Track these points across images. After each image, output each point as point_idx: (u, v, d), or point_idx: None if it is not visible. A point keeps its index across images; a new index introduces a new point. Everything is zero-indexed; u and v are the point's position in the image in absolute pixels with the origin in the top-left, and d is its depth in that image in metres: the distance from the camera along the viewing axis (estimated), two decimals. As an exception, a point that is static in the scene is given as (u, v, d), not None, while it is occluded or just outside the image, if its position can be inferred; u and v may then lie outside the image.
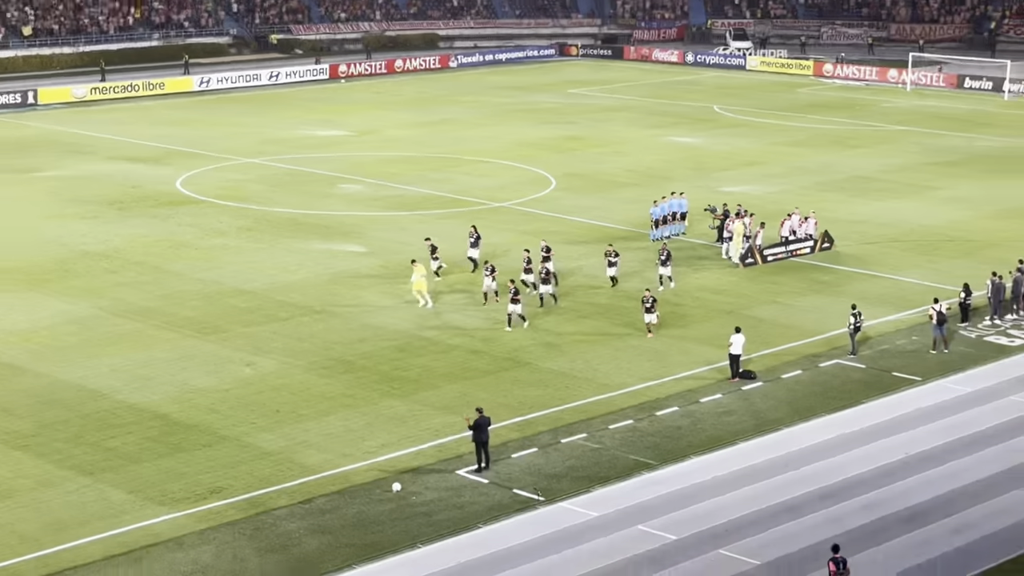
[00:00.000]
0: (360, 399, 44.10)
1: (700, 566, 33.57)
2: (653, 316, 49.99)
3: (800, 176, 79.34)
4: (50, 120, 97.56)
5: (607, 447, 40.63)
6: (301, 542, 34.62)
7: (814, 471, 39.07)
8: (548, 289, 53.21)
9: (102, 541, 34.42)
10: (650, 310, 49.95)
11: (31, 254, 60.72)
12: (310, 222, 67.14)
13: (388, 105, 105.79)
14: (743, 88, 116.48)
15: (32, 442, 40.39)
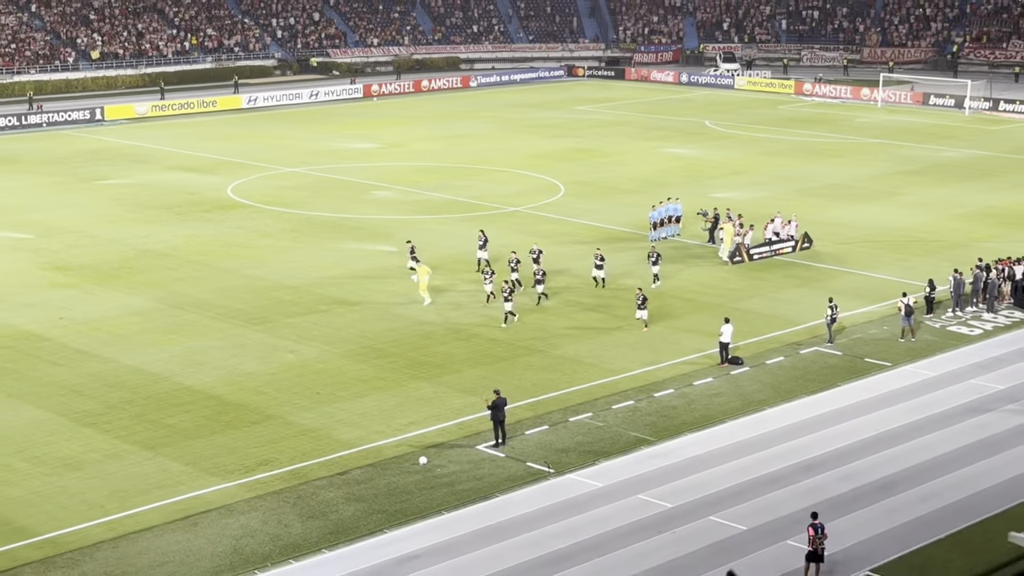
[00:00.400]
0: (391, 382, 44.04)
1: (694, 531, 33.47)
2: (644, 312, 49.53)
3: (782, 183, 79.07)
4: (115, 134, 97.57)
5: (610, 425, 40.53)
6: (338, 509, 34.57)
7: (796, 446, 38.93)
8: (541, 288, 52.50)
9: (161, 508, 34.42)
10: (641, 307, 49.49)
11: (99, 253, 60.74)
12: (346, 225, 67.07)
13: (415, 120, 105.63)
14: (731, 105, 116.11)
15: (100, 420, 40.40)
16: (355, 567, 31.46)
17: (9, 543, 32.33)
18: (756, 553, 32.24)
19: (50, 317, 50.62)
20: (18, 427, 39.69)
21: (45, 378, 43.91)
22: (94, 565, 31.40)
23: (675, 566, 31.62)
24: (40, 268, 58.04)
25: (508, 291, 49.70)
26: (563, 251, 61.42)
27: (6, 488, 35.40)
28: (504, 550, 32.37)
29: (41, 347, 47.07)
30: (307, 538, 32.91)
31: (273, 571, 31.29)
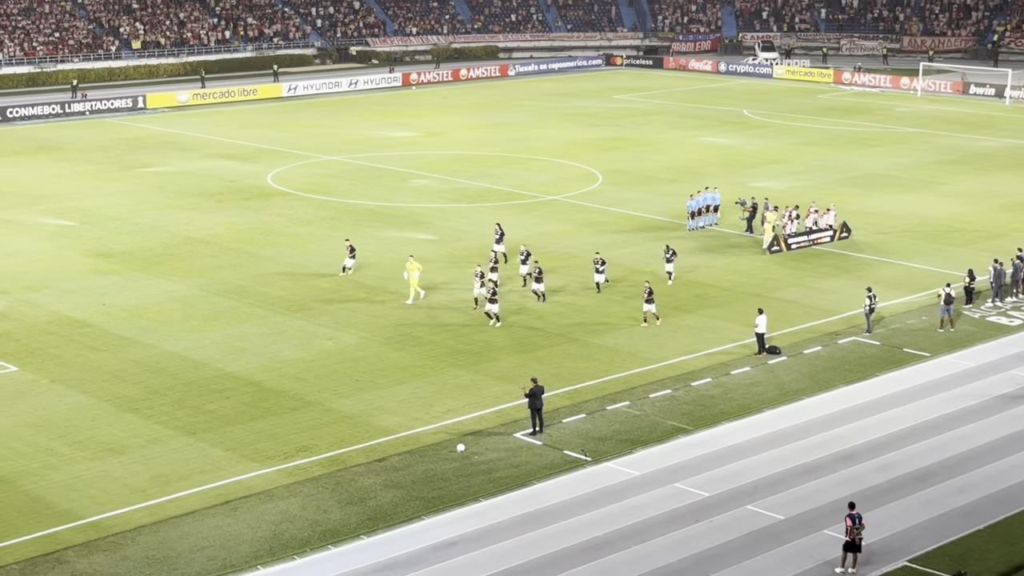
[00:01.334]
0: (429, 369, 44.11)
1: (730, 520, 33.40)
2: (652, 306, 48.51)
3: (821, 173, 78.62)
4: (157, 122, 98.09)
5: (647, 413, 40.46)
6: (377, 495, 34.68)
7: (833, 436, 38.77)
8: (540, 287, 51.13)
9: (202, 493, 34.63)
10: (649, 300, 48.40)
11: (140, 240, 61.10)
12: (385, 212, 67.18)
13: (453, 109, 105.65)
14: (770, 94, 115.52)
15: (142, 405, 40.67)
16: (393, 553, 31.55)
17: (52, 526, 32.62)
18: (793, 542, 32.13)
19: (93, 303, 50.97)
20: (62, 412, 40.02)
21: (88, 364, 44.23)
22: (135, 549, 31.64)
23: (712, 554, 31.56)
24: (83, 255, 58.45)
25: (491, 291, 48.68)
26: (600, 240, 61.30)
27: (50, 472, 35.71)
28: (541, 537, 32.40)
29: (84, 333, 47.42)
30: (346, 524, 33.04)
31: (312, 556, 31.43)
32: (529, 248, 54.49)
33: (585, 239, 61.47)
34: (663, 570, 30.83)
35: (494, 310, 48.37)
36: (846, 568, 30.71)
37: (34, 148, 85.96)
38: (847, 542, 30.60)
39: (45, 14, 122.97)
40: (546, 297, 51.26)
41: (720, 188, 67.24)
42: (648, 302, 48.44)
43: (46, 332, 47.46)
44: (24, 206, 68.10)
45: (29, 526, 32.62)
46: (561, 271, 55.33)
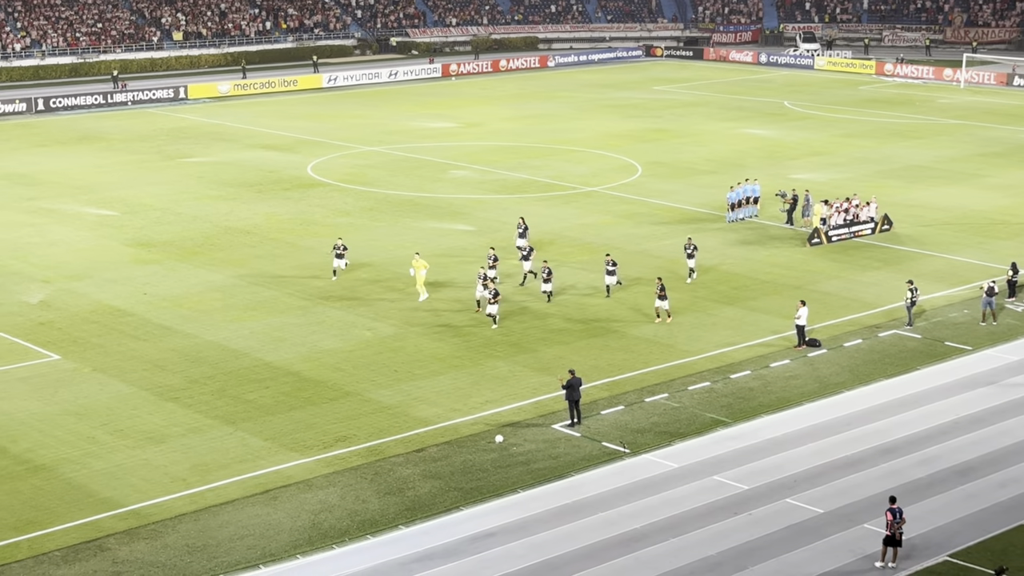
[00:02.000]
0: (467, 360, 44.14)
1: (769, 513, 33.26)
2: (665, 303, 47.75)
3: (862, 165, 78.11)
4: (198, 113, 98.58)
5: (686, 406, 40.35)
6: (415, 486, 34.74)
7: (873, 429, 38.53)
8: (549, 287, 50.04)
9: (241, 482, 34.80)
10: (661, 296, 47.65)
11: (181, 230, 61.43)
12: (424, 203, 67.26)
13: (493, 100, 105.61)
14: (811, 85, 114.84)
15: (182, 394, 40.90)
16: (431, 543, 31.61)
17: (94, 514, 32.87)
18: (833, 536, 31.98)
19: (134, 293, 51.30)
20: (103, 401, 40.31)
21: (129, 353, 44.52)
22: (176, 537, 31.83)
23: (751, 548, 31.45)
24: (125, 244, 58.82)
25: (493, 293, 47.38)
26: (639, 232, 61.18)
27: (92, 460, 35.97)
28: (579, 529, 32.37)
29: (125, 322, 47.73)
30: (384, 514, 33.12)
31: (351, 546, 31.53)
32: (561, 240, 54.41)
33: (624, 231, 61.35)
34: (701, 563, 30.75)
35: (493, 311, 47.20)
36: (886, 562, 30.54)
37: (77, 138, 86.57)
38: (887, 536, 30.42)
39: (88, 5, 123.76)
40: (552, 297, 50.00)
41: (760, 180, 66.91)
42: (661, 298, 47.67)
43: (88, 321, 47.81)
44: (67, 196, 68.59)
45: (71, 513, 32.88)
46: (600, 262, 55.22)
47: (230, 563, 30.61)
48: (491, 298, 47.24)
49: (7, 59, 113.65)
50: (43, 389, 41.15)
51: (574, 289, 51.43)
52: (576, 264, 55.20)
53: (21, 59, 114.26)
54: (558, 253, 56.94)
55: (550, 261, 52.12)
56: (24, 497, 33.76)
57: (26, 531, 31.97)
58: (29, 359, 43.85)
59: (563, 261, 55.61)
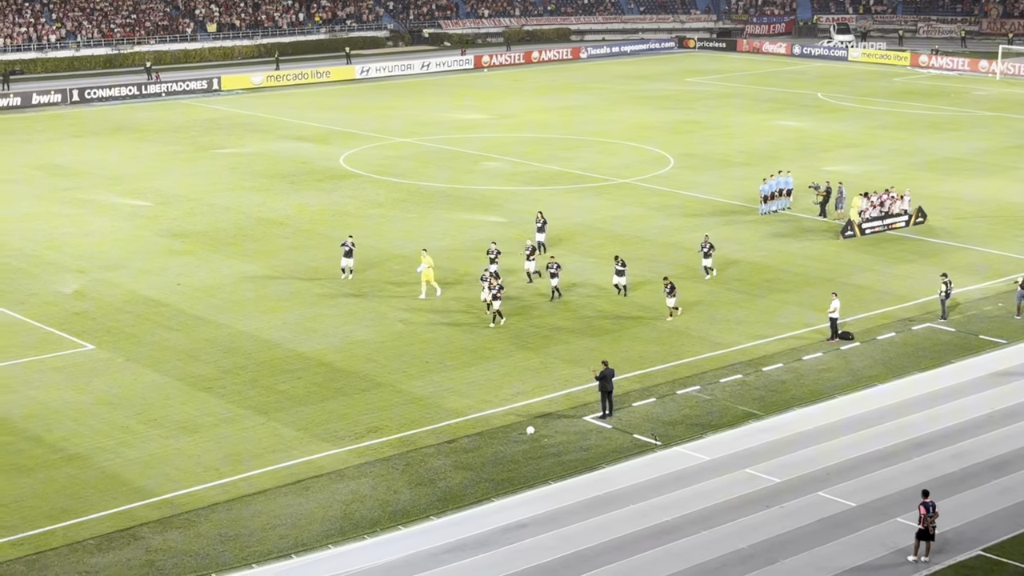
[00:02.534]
0: (498, 352, 44.15)
1: (801, 506, 33.15)
2: (673, 300, 47.07)
3: (896, 157, 77.68)
4: (231, 104, 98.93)
5: (718, 398, 40.26)
6: (446, 476, 34.79)
7: (907, 423, 38.34)
8: (556, 282, 49.17)
9: (274, 472, 34.94)
10: (671, 294, 46.92)
11: (214, 220, 61.68)
12: (456, 195, 67.29)
13: (525, 92, 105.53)
14: (845, 77, 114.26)
15: (215, 385, 41.08)
16: (463, 534, 31.65)
17: (128, 503, 33.07)
18: (865, 530, 31.84)
19: (167, 283, 51.56)
20: (137, 390, 40.54)
21: (162, 343, 44.76)
22: (209, 526, 32.00)
23: (782, 541, 31.35)
24: (158, 235, 59.12)
25: (497, 288, 46.54)
26: (672, 224, 61.04)
27: (125, 449, 36.20)
28: (611, 521, 32.35)
29: (159, 312, 47.98)
30: (416, 505, 33.19)
31: (382, 536, 31.60)
32: (593, 232, 54.28)
33: (657, 223, 61.23)
34: (733, 556, 30.68)
35: (495, 307, 46.44)
36: (919, 556, 30.39)
37: (111, 129, 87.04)
38: (920, 530, 30.27)
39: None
40: (561, 293, 49.26)
41: (793, 172, 66.61)
42: (670, 296, 47.03)
43: (122, 311, 48.09)
44: (101, 186, 68.98)
45: (105, 502, 33.10)
46: (632, 254, 55.13)
47: (262, 552, 30.75)
48: (495, 293, 46.42)
49: (43, 50, 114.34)
50: (77, 378, 41.43)
51: (608, 281, 51.30)
52: (607, 256, 55.07)
53: (56, 50, 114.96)
54: (590, 245, 56.92)
55: (580, 253, 52.00)
56: (59, 486, 34.01)
57: (61, 519, 32.21)
58: (64, 348, 44.15)
59: (594, 253, 55.57)
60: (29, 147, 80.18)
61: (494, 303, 46.44)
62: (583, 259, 54.44)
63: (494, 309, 46.49)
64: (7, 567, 30.01)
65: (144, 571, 29.89)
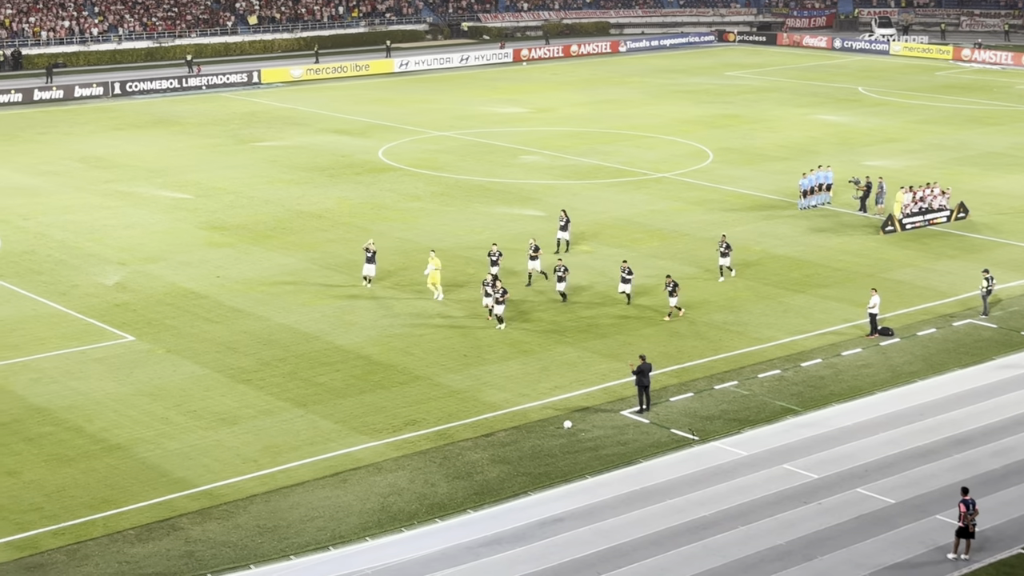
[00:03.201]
0: (536, 346, 44.15)
1: (840, 503, 33.00)
2: (674, 300, 46.29)
3: (937, 152, 77.10)
4: (271, 97, 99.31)
5: (756, 393, 40.12)
6: (484, 470, 34.84)
7: (947, 420, 38.09)
8: (563, 287, 48.14)
9: (312, 464, 35.09)
10: (672, 293, 46.11)
11: (253, 213, 61.97)
12: (494, 188, 67.32)
13: (563, 85, 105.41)
14: (886, 71, 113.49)
15: (254, 376, 41.29)
16: (500, 528, 31.69)
17: (168, 493, 33.30)
18: (904, 527, 31.67)
19: (207, 275, 51.84)
20: (176, 382, 40.80)
21: (202, 335, 45.02)
22: (247, 517, 32.17)
23: (820, 537, 31.22)
24: (198, 227, 59.44)
25: (501, 292, 45.47)
26: (710, 218, 60.84)
27: (165, 441, 36.45)
28: (648, 516, 32.31)
29: (198, 304, 48.26)
30: (453, 498, 33.25)
31: (419, 529, 31.69)
32: (631, 227, 54.13)
33: (695, 217, 61.05)
34: (770, 552, 30.59)
35: (499, 312, 45.55)
36: (959, 554, 30.20)
37: (152, 122, 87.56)
38: (960, 528, 30.08)
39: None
40: (566, 297, 48.24)
41: (833, 166, 66.24)
42: (671, 295, 46.33)
43: (162, 303, 48.40)
44: (142, 179, 69.41)
45: (145, 493, 33.34)
46: (670, 249, 55.04)
47: (300, 544, 30.90)
48: (499, 297, 45.41)
49: (85, 43, 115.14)
50: (118, 370, 41.74)
51: (646, 276, 51.20)
52: (646, 250, 55.01)
53: (99, 43, 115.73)
54: (628, 239, 56.82)
55: (616, 246, 51.90)
56: (99, 476, 34.28)
57: (101, 509, 32.48)
58: (105, 340, 44.49)
59: (633, 248, 55.47)
60: (71, 139, 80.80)
61: (497, 308, 45.36)
62: (621, 254, 54.28)
63: (496, 314, 45.42)
64: (49, 556, 30.31)
65: (183, 562, 30.11)
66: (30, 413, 38.20)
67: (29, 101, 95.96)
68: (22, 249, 55.49)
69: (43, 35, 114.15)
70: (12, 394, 39.61)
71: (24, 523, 31.77)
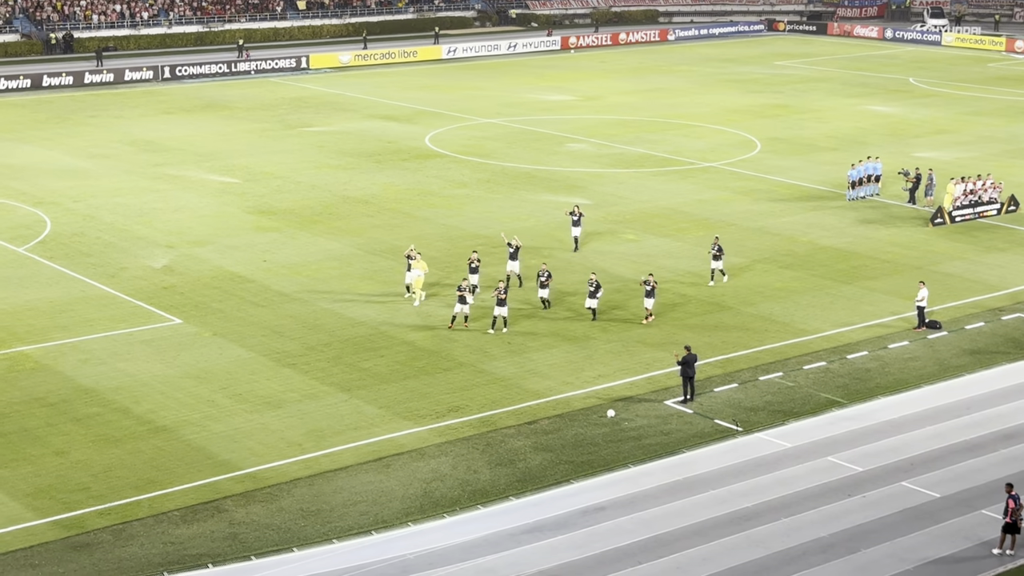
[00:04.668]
0: (580, 334, 44.10)
1: (884, 496, 32.83)
2: (651, 301, 44.74)
3: (988, 144, 76.34)
4: (319, 83, 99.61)
5: (801, 385, 39.93)
6: (526, 457, 34.89)
7: (994, 414, 37.78)
8: (546, 293, 46.05)
9: (355, 449, 35.25)
10: (650, 295, 44.72)
11: (300, 198, 62.22)
12: (540, 176, 67.26)
13: (611, 73, 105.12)
14: (937, 62, 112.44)
15: (299, 361, 41.51)
16: (542, 515, 31.73)
17: (213, 476, 33.56)
18: (949, 521, 31.46)
19: (254, 259, 52.13)
20: (223, 365, 41.08)
21: (248, 318, 45.30)
22: (291, 501, 32.38)
23: (864, 530, 31.06)
24: (246, 212, 59.77)
25: (502, 290, 44.04)
26: (757, 208, 60.55)
27: (211, 423, 36.72)
28: (690, 506, 32.26)
29: (245, 288, 48.55)
30: (495, 485, 33.32)
31: (462, 516, 31.77)
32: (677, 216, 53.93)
33: (741, 207, 60.78)
34: (813, 544, 30.46)
35: (503, 313, 44.01)
36: (1004, 549, 29.98)
37: (201, 106, 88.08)
38: (1007, 523, 29.83)
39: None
40: (550, 304, 46.08)
41: (883, 158, 65.75)
42: (648, 296, 44.74)
43: (209, 287, 48.72)
44: (191, 163, 69.86)
45: (190, 474, 33.62)
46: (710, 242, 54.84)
47: (343, 528, 31.07)
48: (502, 297, 43.81)
49: (135, 27, 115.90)
50: (165, 352, 42.08)
51: (692, 266, 51.03)
52: (691, 240, 54.83)
53: (149, 27, 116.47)
54: (674, 229, 56.65)
55: (663, 236, 51.68)
56: (145, 457, 34.60)
57: (147, 490, 32.78)
58: (152, 322, 44.86)
59: (680, 237, 55.30)
60: (121, 123, 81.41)
61: (498, 309, 43.84)
62: (668, 243, 54.17)
63: (503, 315, 43.98)
64: (95, 536, 30.62)
65: (227, 544, 30.35)
66: (78, 394, 38.60)
67: (80, 84, 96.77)
68: (72, 231, 56.01)
69: (94, 19, 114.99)
70: (61, 375, 40.03)
71: (71, 503, 32.12)
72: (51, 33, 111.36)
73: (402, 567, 29.40)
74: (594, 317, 45.14)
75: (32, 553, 29.88)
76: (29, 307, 46.11)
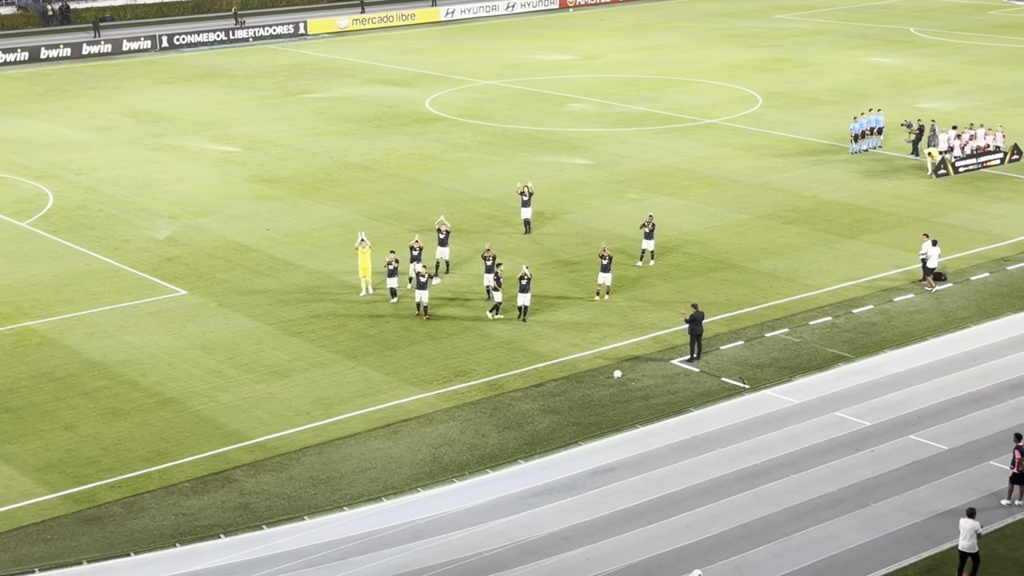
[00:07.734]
0: (585, 295, 44.06)
1: (892, 450, 32.87)
2: (608, 276, 43.12)
3: (991, 92, 75.95)
4: (317, 48, 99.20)
5: (807, 341, 39.92)
6: (534, 420, 34.94)
7: (1001, 365, 37.77)
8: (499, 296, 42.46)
9: (363, 416, 35.31)
10: (605, 269, 43.13)
11: (302, 166, 62.08)
12: (541, 137, 67.06)
13: (610, 32, 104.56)
14: (938, 11, 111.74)
15: (305, 329, 41.52)
16: (551, 478, 31.80)
17: (222, 446, 33.65)
18: (957, 473, 31.51)
19: (257, 228, 52.07)
20: (228, 335, 41.11)
21: (253, 288, 45.29)
22: (300, 469, 32.46)
23: (873, 484, 31.12)
24: (247, 180, 59.65)
25: (496, 277, 42.26)
26: (759, 164, 60.37)
27: (219, 394, 36.78)
28: (699, 464, 32.32)
29: (249, 258, 48.51)
30: (504, 448, 33.38)
31: (471, 480, 31.85)
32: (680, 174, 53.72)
33: (744, 163, 60.59)
34: (822, 499, 30.53)
35: (499, 299, 42.27)
36: (1012, 500, 30.04)
37: (200, 75, 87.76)
38: (1015, 474, 29.88)
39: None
40: (500, 309, 42.32)
41: (885, 110, 65.48)
42: (604, 271, 43.01)
43: (213, 257, 48.69)
44: (191, 132, 69.68)
45: (199, 445, 33.70)
46: (719, 196, 54.64)
47: (353, 495, 31.15)
48: (494, 286, 42.34)
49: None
50: (171, 323, 42.10)
51: (696, 223, 50.92)
52: (695, 198, 54.69)
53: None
54: (677, 187, 56.50)
55: (667, 195, 51.38)
56: (154, 429, 34.68)
57: (157, 462, 32.87)
58: (157, 294, 44.86)
59: (682, 195, 55.18)
60: (120, 93, 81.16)
61: (495, 295, 42.28)
62: (671, 201, 54.05)
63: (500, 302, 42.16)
64: (106, 509, 30.73)
65: (238, 514, 30.45)
66: (85, 367, 38.66)
67: (78, 56, 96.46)
68: (74, 204, 55.95)
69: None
70: (68, 349, 40.08)
71: (82, 476, 32.23)
72: (48, 4, 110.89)
73: (413, 532, 29.51)
74: (496, 312, 42.27)
75: (44, 528, 30.00)
76: (34, 281, 46.13)
